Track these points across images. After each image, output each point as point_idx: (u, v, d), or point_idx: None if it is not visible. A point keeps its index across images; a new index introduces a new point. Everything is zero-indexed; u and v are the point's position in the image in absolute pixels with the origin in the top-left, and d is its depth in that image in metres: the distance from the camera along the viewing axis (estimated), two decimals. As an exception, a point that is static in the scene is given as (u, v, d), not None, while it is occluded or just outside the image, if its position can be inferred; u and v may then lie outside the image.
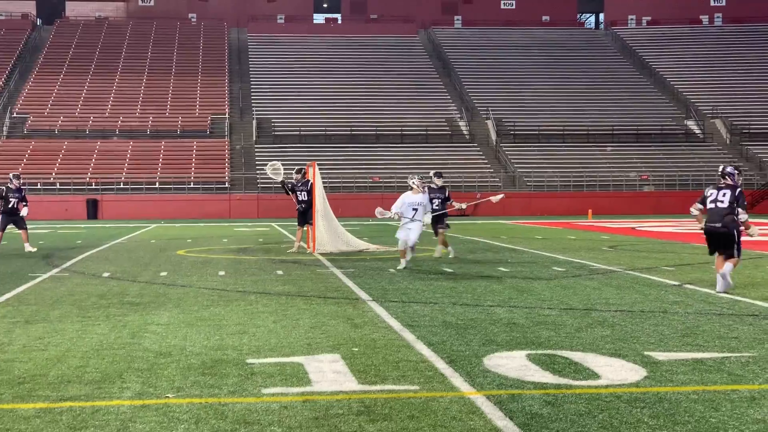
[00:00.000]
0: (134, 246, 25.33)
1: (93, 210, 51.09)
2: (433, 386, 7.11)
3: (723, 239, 13.00)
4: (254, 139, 60.76)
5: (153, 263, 18.99)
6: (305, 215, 21.97)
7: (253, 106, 64.81)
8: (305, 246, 22.26)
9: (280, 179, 22.78)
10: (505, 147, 60.90)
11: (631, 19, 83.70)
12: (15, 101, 63.96)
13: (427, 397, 6.76)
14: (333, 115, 63.81)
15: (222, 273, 16.60)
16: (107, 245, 25.36)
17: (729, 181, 13.22)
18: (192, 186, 54.52)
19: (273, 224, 39.80)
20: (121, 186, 53.78)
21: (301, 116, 63.46)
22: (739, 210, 12.94)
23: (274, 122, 62.69)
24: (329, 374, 7.54)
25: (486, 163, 58.65)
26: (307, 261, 19.26)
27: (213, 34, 76.94)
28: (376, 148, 59.81)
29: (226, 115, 63.39)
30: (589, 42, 79.88)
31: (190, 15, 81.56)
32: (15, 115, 61.84)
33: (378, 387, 7.08)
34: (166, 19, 79.33)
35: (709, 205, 13.24)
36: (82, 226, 35.63)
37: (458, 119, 64.50)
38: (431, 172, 20.61)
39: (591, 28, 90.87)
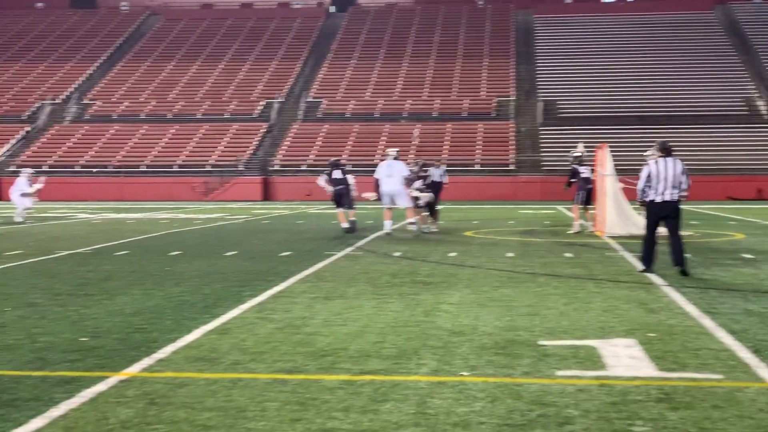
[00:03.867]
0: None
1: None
2: (737, 376, 6.78)
3: None
4: (539, 121, 60.44)
5: (442, 244, 19.31)
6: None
7: (539, 88, 64.43)
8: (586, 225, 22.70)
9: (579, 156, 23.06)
10: (809, 127, 57.19)
11: None
12: (310, 86, 66.99)
13: (732, 387, 6.45)
14: (621, 96, 62.28)
15: (510, 254, 16.63)
16: (396, 226, 25.98)
17: None
18: (477, 168, 54.98)
19: (558, 207, 39.46)
20: (409, 168, 54.90)
21: (587, 98, 62.46)
22: None
23: (559, 104, 62.08)
24: (625, 359, 7.36)
25: (786, 145, 55.32)
26: (597, 244, 18.95)
27: (499, 16, 77.12)
28: (667, 129, 57.69)
29: (512, 98, 63.41)
30: None
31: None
32: (310, 99, 64.80)
33: (678, 374, 6.83)
34: (452, 3, 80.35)
35: None
36: (368, 207, 36.33)
37: (757, 98, 61.21)
38: None
39: None
